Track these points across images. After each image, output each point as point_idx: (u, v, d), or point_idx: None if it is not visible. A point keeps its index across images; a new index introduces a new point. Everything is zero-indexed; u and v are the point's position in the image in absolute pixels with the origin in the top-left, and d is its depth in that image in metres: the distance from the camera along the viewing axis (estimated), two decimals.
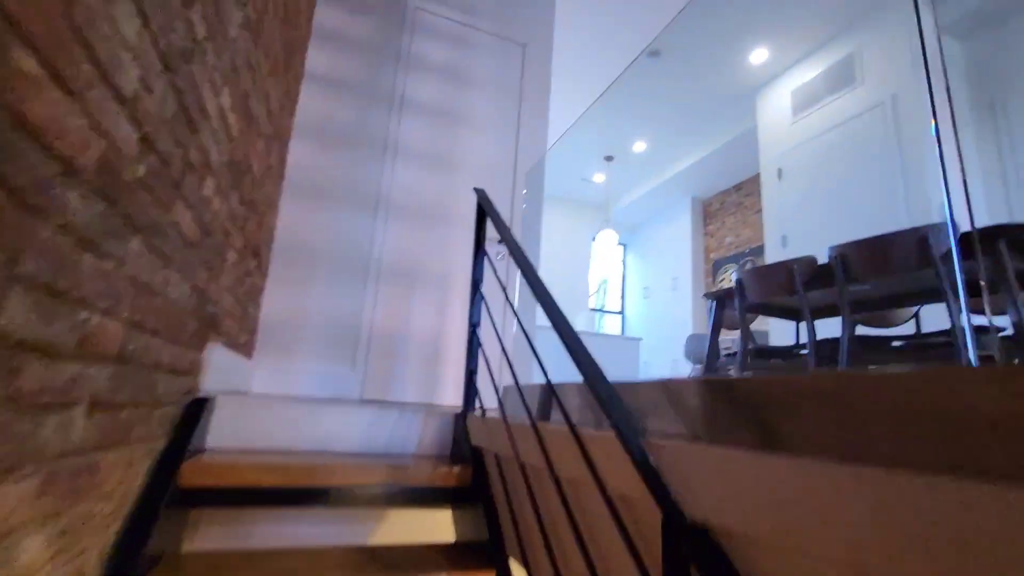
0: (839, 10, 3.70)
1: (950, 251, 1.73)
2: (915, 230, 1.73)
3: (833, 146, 3.83)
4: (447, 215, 2.83)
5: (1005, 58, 3.43)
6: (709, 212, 6.55)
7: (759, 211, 5.76)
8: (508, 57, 3.21)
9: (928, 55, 3.57)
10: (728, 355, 2.78)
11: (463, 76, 3.04)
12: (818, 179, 3.91)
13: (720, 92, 4.71)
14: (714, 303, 2.75)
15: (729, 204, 6.22)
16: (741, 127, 4.97)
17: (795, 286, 2.16)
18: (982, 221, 3.30)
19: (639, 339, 5.36)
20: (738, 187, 6.13)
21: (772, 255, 4.18)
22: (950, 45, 3.67)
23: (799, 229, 3.98)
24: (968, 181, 3.40)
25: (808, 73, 4.13)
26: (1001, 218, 3.30)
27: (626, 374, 5.22)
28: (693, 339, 4.94)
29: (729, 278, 5.95)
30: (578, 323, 5.74)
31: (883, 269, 1.84)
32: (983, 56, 3.55)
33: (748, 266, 5.72)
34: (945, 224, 1.70)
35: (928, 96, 3.51)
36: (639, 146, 5.80)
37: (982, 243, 1.69)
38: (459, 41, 3.08)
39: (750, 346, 2.42)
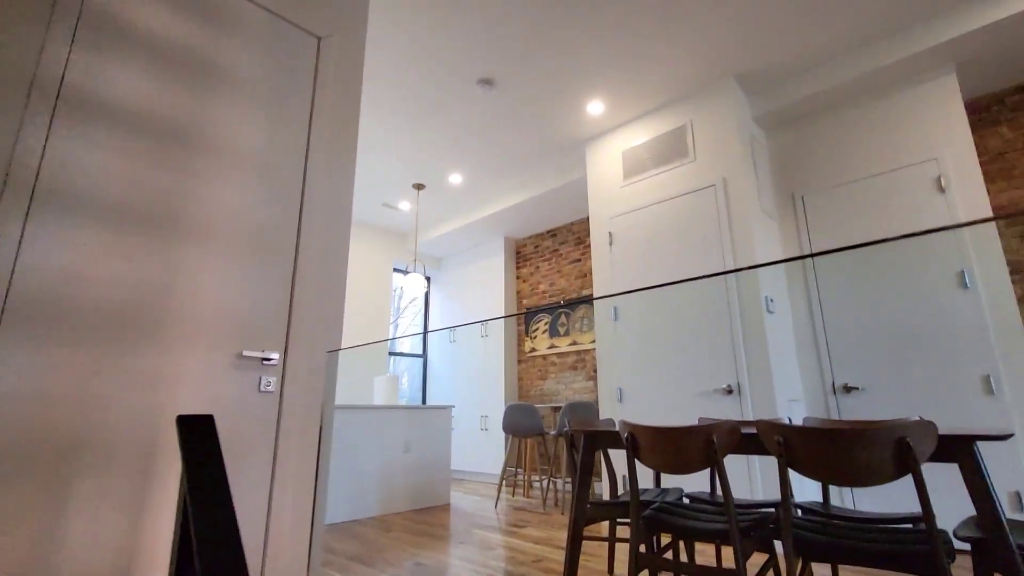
0: (673, 81, 3.51)
1: (932, 456, 1.33)
2: (890, 429, 1.28)
3: (664, 218, 3.64)
4: (165, 325, 1.52)
5: (804, 155, 3.67)
6: (522, 254, 6.16)
7: (575, 261, 5.55)
8: (295, 53, 2.02)
9: (747, 144, 3.66)
10: (595, 505, 2.14)
11: (209, 70, 1.76)
12: (649, 250, 3.68)
13: (552, 136, 4.23)
14: (583, 439, 2.08)
15: (543, 249, 5.91)
16: (569, 176, 4.61)
17: (713, 458, 1.60)
18: (787, 314, 3.45)
19: (451, 407, 4.55)
20: (552, 233, 5.86)
21: (602, 329, 3.83)
22: (761, 137, 3.82)
23: (630, 302, 3.70)
24: (772, 270, 3.52)
25: (641, 137, 3.91)
26: (801, 309, 3.48)
27: (439, 448, 4.35)
28: (513, 410, 4.36)
29: (543, 330, 5.61)
30: (377, 393, 4.63)
31: (840, 468, 1.36)
32: (786, 150, 3.77)
33: (563, 319, 5.45)
34: (923, 423, 1.28)
35: (753, 182, 3.57)
36: (455, 178, 5.02)
37: (956, 447, 1.33)
38: (202, 11, 1.78)
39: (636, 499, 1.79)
